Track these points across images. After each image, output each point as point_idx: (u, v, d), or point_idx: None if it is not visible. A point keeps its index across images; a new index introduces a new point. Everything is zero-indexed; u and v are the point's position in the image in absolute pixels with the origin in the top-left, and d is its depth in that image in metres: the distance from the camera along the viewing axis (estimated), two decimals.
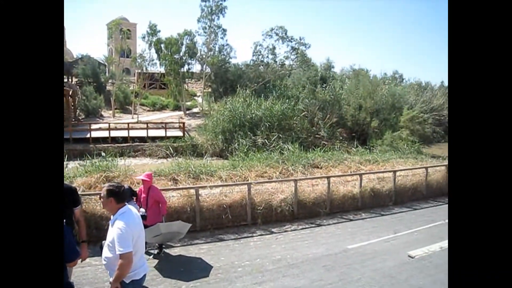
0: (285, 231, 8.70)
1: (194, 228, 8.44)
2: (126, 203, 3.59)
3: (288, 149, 15.50)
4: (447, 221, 9.33)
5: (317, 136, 23.75)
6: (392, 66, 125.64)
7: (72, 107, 33.37)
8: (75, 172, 10.46)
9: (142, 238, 3.65)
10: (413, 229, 8.70)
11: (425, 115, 26.14)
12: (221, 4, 32.71)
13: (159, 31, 36.22)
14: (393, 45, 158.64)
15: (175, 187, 9.15)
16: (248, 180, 10.21)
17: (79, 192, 8.19)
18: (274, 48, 32.52)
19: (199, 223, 8.52)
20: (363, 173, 10.99)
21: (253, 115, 23.01)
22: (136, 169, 12.12)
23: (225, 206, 8.76)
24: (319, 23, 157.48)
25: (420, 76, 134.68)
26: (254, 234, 8.45)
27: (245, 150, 18.64)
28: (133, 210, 3.63)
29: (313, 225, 9.13)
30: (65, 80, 42.95)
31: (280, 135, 21.83)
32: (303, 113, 24.47)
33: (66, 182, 5.38)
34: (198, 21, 34.43)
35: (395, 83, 37.64)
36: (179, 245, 7.76)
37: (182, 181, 10.15)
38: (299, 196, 9.53)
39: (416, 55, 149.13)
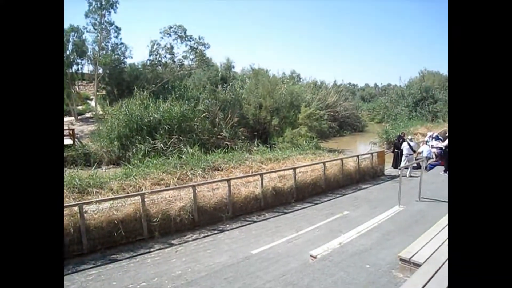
0: (186, 242, 8.10)
1: (81, 251, 7.39)
2: None
3: (188, 152, 14.82)
4: (345, 212, 9.66)
5: (219, 136, 23.36)
6: (290, 66, 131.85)
7: None
8: None
9: None
10: (315, 225, 8.77)
11: (321, 112, 27.61)
12: None
13: None
14: (290, 46, 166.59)
15: None
16: (142, 190, 9.34)
17: None
18: (172, 47, 31.21)
19: (86, 244, 7.48)
20: (264, 173, 10.88)
21: (151, 118, 21.68)
22: None
23: (116, 221, 7.83)
24: (220, 23, 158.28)
25: (316, 75, 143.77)
26: (152, 249, 7.71)
27: (141, 156, 17.53)
28: None
29: (216, 232, 8.69)
30: None
31: (181, 137, 20.96)
32: (204, 114, 23.88)
33: None
34: (86, 16, 31.43)
35: (293, 82, 39.21)
36: None
37: (65, 198, 8.88)
38: (199, 202, 9.00)
39: (311, 56, 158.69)
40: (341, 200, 11.47)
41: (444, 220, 6.65)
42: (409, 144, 15.40)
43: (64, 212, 7.62)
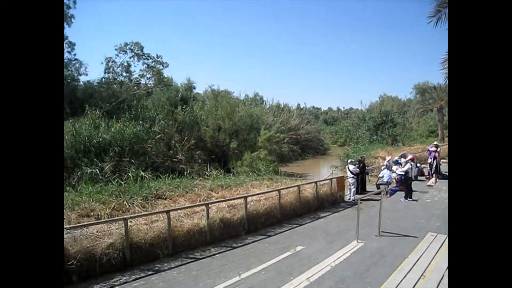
0: (112, 286, 6.84)
1: None
2: None
3: (131, 177, 13.50)
4: (299, 248, 8.72)
5: (174, 159, 22.04)
6: (254, 89, 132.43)
7: None
8: None
9: None
10: (264, 264, 7.74)
11: (282, 134, 27.03)
12: (66, 12, 28.74)
13: None
14: (256, 68, 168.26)
15: None
16: (65, 224, 8.02)
17: None
18: (129, 65, 29.90)
19: None
20: (210, 203, 9.79)
21: (101, 139, 20.14)
22: None
23: None
24: (186, 43, 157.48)
25: (280, 98, 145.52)
26: None
27: (87, 180, 16.00)
28: None
29: (151, 272, 7.48)
30: None
31: (133, 160, 19.55)
32: (159, 136, 22.58)
33: None
34: None
35: (255, 104, 38.77)
36: None
37: None
38: (132, 238, 7.80)
39: (276, 79, 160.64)
40: (297, 231, 10.55)
41: (406, 265, 5.89)
42: (348, 169, 14.94)
43: None
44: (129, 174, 16.51)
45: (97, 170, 17.94)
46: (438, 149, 18.70)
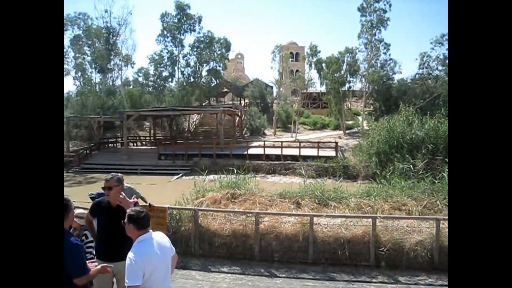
0: (416, 284, 6.86)
1: (305, 260, 7.56)
2: (149, 230, 3.24)
3: (445, 176, 12.69)
4: None
5: None
6: None
7: (239, 126, 36.34)
8: (212, 186, 10.79)
9: (160, 272, 3.17)
10: None
11: None
12: (382, 16, 30.51)
13: (319, 51, 36.57)
14: None
15: (287, 213, 8.45)
16: (379, 212, 8.63)
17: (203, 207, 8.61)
18: (445, 58, 28.27)
19: (311, 255, 7.60)
20: None
21: (414, 135, 20.21)
22: (270, 187, 11.84)
23: (342, 240, 7.56)
24: None
25: None
26: (374, 280, 6.96)
27: (398, 175, 16.47)
28: (157, 239, 3.24)
29: None
30: (237, 102, 47.80)
31: (447, 159, 18.53)
32: None
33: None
34: (359, 37, 33.08)
35: None
36: (284, 275, 7.07)
37: (305, 206, 9.29)
38: (442, 241, 7.46)
39: None
40: None
41: None
42: None
43: (299, 220, 8.00)
44: (443, 173, 15.73)
45: (410, 166, 18.17)
46: None
